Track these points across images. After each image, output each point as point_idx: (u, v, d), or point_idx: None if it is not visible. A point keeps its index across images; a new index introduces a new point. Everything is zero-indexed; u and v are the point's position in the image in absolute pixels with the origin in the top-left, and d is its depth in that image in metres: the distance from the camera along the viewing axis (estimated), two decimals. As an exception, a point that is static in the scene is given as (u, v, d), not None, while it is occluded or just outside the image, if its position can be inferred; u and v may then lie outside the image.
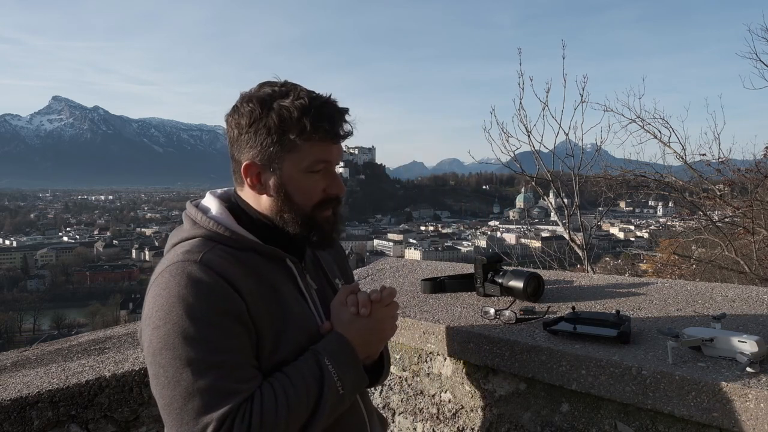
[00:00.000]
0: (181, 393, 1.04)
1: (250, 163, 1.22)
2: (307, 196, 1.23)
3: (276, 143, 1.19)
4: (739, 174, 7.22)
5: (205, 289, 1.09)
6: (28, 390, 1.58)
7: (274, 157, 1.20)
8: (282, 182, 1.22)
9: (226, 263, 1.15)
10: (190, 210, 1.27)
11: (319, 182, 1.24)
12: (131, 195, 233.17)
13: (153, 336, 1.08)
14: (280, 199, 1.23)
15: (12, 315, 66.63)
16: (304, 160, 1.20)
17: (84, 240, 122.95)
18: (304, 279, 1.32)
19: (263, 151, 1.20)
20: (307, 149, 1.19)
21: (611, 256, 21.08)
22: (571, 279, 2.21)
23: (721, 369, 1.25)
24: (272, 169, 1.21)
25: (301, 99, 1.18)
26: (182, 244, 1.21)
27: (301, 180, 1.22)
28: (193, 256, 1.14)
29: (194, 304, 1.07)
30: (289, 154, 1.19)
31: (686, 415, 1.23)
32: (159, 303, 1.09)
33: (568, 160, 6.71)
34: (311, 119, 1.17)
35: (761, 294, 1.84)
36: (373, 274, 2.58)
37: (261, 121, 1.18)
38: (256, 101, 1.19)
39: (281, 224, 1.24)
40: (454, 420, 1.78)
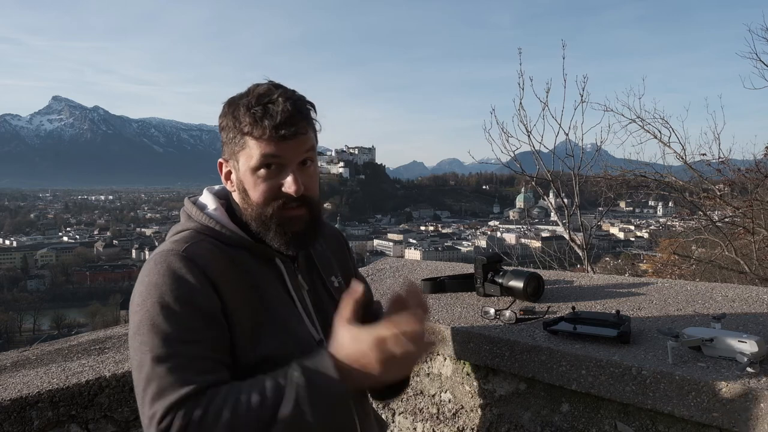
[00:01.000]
0: (143, 377, 1.08)
1: (221, 161, 1.29)
2: (258, 192, 1.23)
3: (232, 141, 1.23)
4: (739, 174, 7.22)
5: (179, 280, 1.13)
6: (28, 390, 1.58)
7: (232, 155, 1.25)
8: (239, 178, 1.26)
9: (209, 256, 1.18)
10: (187, 205, 1.32)
11: (272, 180, 1.22)
12: (131, 195, 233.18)
13: (131, 320, 1.15)
14: (241, 196, 1.27)
15: (12, 315, 66.65)
16: (252, 158, 1.21)
17: (84, 240, 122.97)
18: (295, 279, 1.31)
19: (227, 148, 1.26)
20: (253, 146, 1.21)
21: (611, 256, 21.09)
22: (571, 279, 2.21)
23: (721, 369, 1.25)
24: (234, 166, 1.26)
25: (249, 97, 1.21)
26: (175, 236, 1.26)
27: (251, 177, 1.23)
28: (177, 246, 1.18)
29: (166, 294, 1.11)
30: (242, 151, 1.22)
31: (686, 415, 1.23)
32: (139, 289, 1.15)
33: (568, 160, 6.71)
34: (252, 117, 1.19)
35: (761, 294, 1.84)
36: (373, 274, 2.58)
37: (224, 120, 1.24)
38: (227, 102, 1.25)
39: (248, 221, 1.26)
40: (454, 420, 1.78)
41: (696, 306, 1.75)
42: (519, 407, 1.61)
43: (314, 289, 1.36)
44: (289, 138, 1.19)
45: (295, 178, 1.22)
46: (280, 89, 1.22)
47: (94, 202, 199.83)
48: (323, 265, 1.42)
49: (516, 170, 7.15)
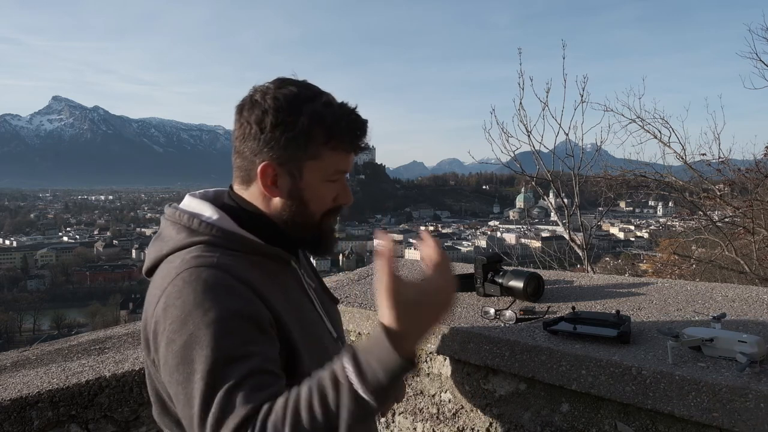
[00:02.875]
0: (196, 408, 0.95)
1: (268, 164, 1.15)
2: (321, 204, 1.20)
3: (301, 148, 1.14)
4: (739, 174, 7.22)
5: (222, 293, 1.02)
6: (28, 390, 1.58)
7: (295, 162, 1.15)
8: (299, 187, 1.17)
9: (242, 267, 1.09)
10: (180, 217, 1.17)
11: (332, 191, 1.21)
12: (131, 195, 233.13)
13: (168, 352, 0.99)
14: (293, 204, 1.18)
15: (12, 315, 66.68)
16: (325, 169, 1.17)
17: (84, 240, 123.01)
18: (305, 280, 1.30)
19: (285, 154, 1.14)
20: (330, 158, 1.16)
21: (611, 256, 21.08)
22: (571, 279, 2.21)
23: (721, 369, 1.25)
24: (291, 173, 1.16)
25: (333, 107, 1.15)
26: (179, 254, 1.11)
27: (318, 188, 1.18)
28: (206, 261, 1.06)
29: (210, 310, 0.99)
30: (312, 161, 1.15)
31: (686, 415, 1.23)
32: (173, 314, 1.00)
33: (568, 160, 6.72)
34: (343, 129, 1.15)
35: (761, 294, 1.84)
36: (373, 274, 2.58)
37: (288, 123, 1.12)
38: (284, 99, 1.13)
39: (287, 228, 1.20)
40: (454, 420, 1.78)
41: (696, 306, 1.75)
42: (519, 407, 1.61)
43: (316, 286, 1.36)
44: (359, 152, 1.21)
45: (350, 191, 1.25)
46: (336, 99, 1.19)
47: (94, 202, 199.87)
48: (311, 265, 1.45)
49: (516, 170, 7.15)
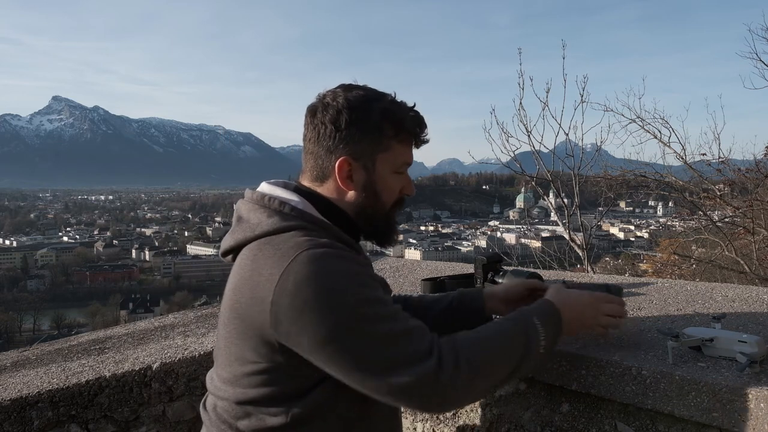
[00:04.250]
0: (381, 348, 1.06)
1: (346, 159, 1.23)
2: (390, 195, 1.29)
3: (373, 142, 1.24)
4: (739, 174, 7.22)
5: (351, 259, 1.13)
6: (28, 390, 1.58)
7: (368, 155, 1.24)
8: (372, 180, 1.26)
9: (345, 250, 1.17)
10: (271, 202, 1.23)
11: (399, 182, 1.30)
12: (131, 195, 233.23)
13: (323, 317, 1.06)
14: (367, 196, 1.26)
15: (12, 315, 66.70)
16: (395, 161, 1.27)
17: (84, 240, 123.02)
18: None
19: (360, 148, 1.23)
20: (399, 150, 1.26)
21: (611, 256, 21.09)
22: (571, 279, 2.21)
23: (721, 369, 1.25)
24: (366, 166, 1.25)
25: (398, 104, 1.26)
26: (282, 236, 1.16)
27: (388, 179, 1.27)
28: (318, 242, 1.13)
29: (349, 273, 1.10)
30: (383, 153, 1.25)
31: (686, 415, 1.23)
32: (312, 287, 1.06)
33: (568, 160, 6.72)
34: (409, 123, 1.26)
35: (761, 294, 1.84)
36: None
37: (362, 120, 1.22)
38: (355, 100, 1.23)
39: (360, 219, 1.27)
40: (454, 420, 1.78)
41: (696, 306, 1.75)
42: (519, 407, 1.61)
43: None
44: (422, 145, 1.31)
45: (412, 182, 1.34)
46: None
47: (94, 202, 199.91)
48: None
49: (516, 170, 7.15)
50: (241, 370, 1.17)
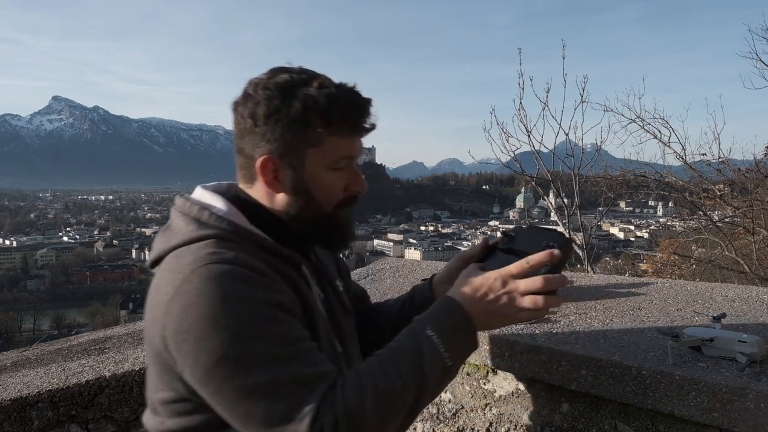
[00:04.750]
0: (261, 398, 0.91)
1: (268, 158, 1.08)
2: (330, 194, 1.12)
3: (298, 136, 1.06)
4: (739, 174, 7.23)
5: (248, 285, 0.96)
6: (28, 390, 1.58)
7: (294, 152, 1.07)
8: (303, 179, 1.09)
9: (258, 263, 1.01)
10: (191, 208, 1.10)
11: (341, 179, 1.12)
12: (131, 195, 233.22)
13: (200, 350, 0.92)
14: (300, 198, 1.10)
15: (12, 315, 66.70)
16: (328, 156, 1.09)
17: (84, 240, 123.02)
18: (314, 287, 1.18)
19: (283, 144, 1.07)
20: (334, 143, 1.08)
21: (611, 256, 21.10)
22: (571, 279, 2.21)
23: (721, 369, 1.25)
24: (292, 164, 1.08)
25: (328, 87, 1.06)
26: (190, 248, 1.03)
27: (324, 177, 1.10)
28: (222, 256, 0.99)
29: (241, 302, 0.94)
30: (312, 148, 1.07)
31: (686, 415, 1.23)
32: (198, 312, 0.93)
33: (568, 160, 6.72)
34: (339, 110, 1.06)
35: (761, 294, 1.84)
36: (373, 274, 2.58)
37: (282, 111, 1.05)
38: (275, 88, 1.06)
39: (297, 225, 1.12)
40: (454, 420, 1.78)
41: (696, 306, 1.75)
42: (519, 407, 1.61)
43: (327, 296, 1.23)
44: (364, 135, 1.12)
45: (362, 177, 1.15)
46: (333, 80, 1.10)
47: (94, 202, 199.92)
48: (329, 269, 1.30)
49: (516, 170, 7.16)
50: (155, 397, 1.06)
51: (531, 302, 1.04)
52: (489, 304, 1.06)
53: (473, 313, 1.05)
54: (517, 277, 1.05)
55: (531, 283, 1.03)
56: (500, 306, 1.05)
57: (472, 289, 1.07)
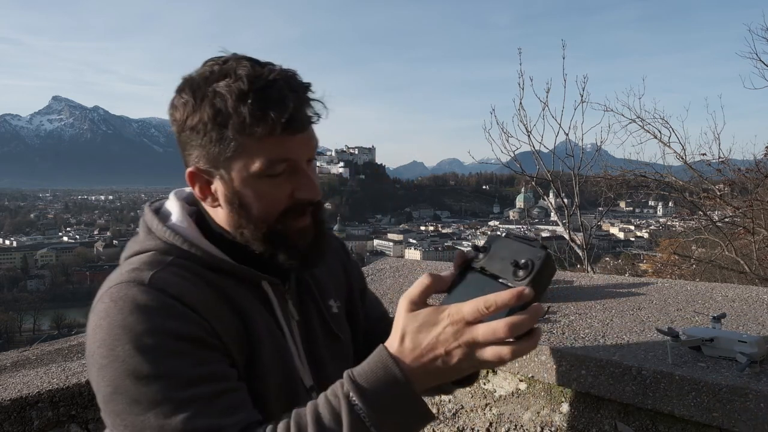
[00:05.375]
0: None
1: (194, 170, 0.97)
2: (268, 205, 0.97)
3: (216, 142, 0.92)
4: (739, 174, 7.23)
5: (154, 313, 0.86)
6: (28, 390, 1.58)
7: (218, 161, 0.94)
8: (233, 191, 0.96)
9: (182, 283, 0.92)
10: (147, 215, 1.02)
11: (281, 186, 0.96)
12: (131, 195, 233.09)
13: (99, 379, 0.86)
14: (234, 212, 0.97)
15: (12, 315, 66.66)
16: (253, 162, 0.93)
17: (84, 240, 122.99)
18: (285, 306, 1.07)
19: (206, 153, 0.94)
20: (255, 147, 0.92)
21: (611, 256, 21.10)
22: (571, 279, 2.21)
23: (721, 369, 1.25)
24: (221, 176, 0.96)
25: (239, 81, 0.90)
26: (131, 260, 0.97)
27: (255, 186, 0.95)
28: (139, 276, 0.90)
29: (143, 333, 0.84)
30: (235, 154, 0.93)
31: (686, 415, 1.23)
32: (100, 336, 0.86)
33: (568, 160, 6.72)
34: (251, 108, 0.89)
35: (761, 294, 1.84)
36: (373, 275, 2.58)
37: (195, 115, 0.92)
38: (189, 89, 0.93)
39: (243, 241, 0.99)
40: (454, 420, 1.78)
41: (696, 306, 1.75)
42: (519, 407, 1.61)
43: (306, 318, 1.10)
44: (299, 132, 0.94)
45: (312, 180, 0.98)
46: (266, 65, 0.94)
47: (94, 202, 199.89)
48: (319, 285, 1.16)
49: (516, 170, 7.16)
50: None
51: (494, 355, 0.76)
52: (436, 361, 0.78)
53: (415, 374, 0.78)
54: (473, 323, 0.76)
55: (491, 332, 0.74)
56: (453, 363, 0.77)
57: (413, 342, 0.78)
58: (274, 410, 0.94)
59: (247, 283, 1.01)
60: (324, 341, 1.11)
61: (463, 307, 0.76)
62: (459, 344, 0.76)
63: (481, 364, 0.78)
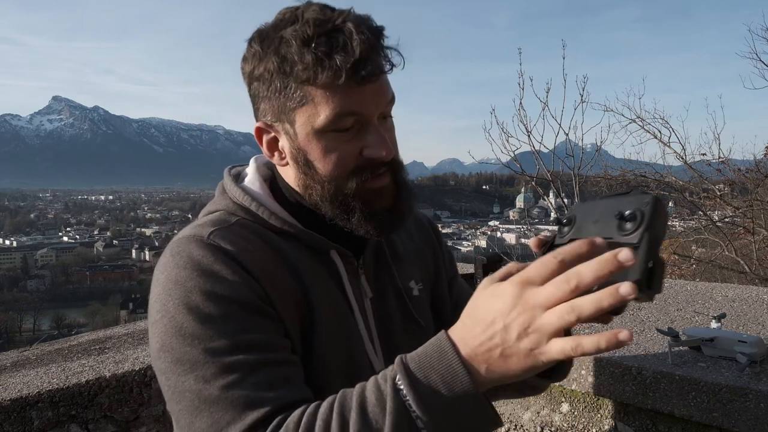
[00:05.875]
0: (186, 407, 0.79)
1: (261, 125, 0.94)
2: (334, 163, 0.89)
3: (281, 92, 0.87)
4: (739, 174, 7.23)
5: (207, 271, 0.83)
6: (28, 390, 1.58)
7: (283, 113, 0.89)
8: (297, 147, 0.90)
9: (241, 243, 0.88)
10: (225, 176, 1.01)
11: (349, 143, 0.89)
12: (131, 195, 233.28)
13: (152, 334, 0.85)
14: (300, 170, 0.92)
15: (12, 315, 66.69)
16: (318, 114, 0.86)
17: (84, 240, 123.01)
18: (357, 281, 0.98)
19: (271, 105, 0.90)
20: (319, 98, 0.85)
21: (611, 256, 21.06)
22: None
23: (721, 369, 1.25)
24: (286, 130, 0.91)
25: (305, 25, 0.83)
26: (201, 219, 0.96)
27: (321, 142, 0.88)
28: (201, 231, 0.88)
29: (193, 291, 0.82)
30: (300, 108, 0.87)
31: (686, 415, 1.23)
32: (156, 291, 0.86)
33: (568, 160, 6.72)
34: (315, 53, 0.82)
35: (761, 294, 1.84)
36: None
37: (261, 64, 0.87)
38: (258, 38, 0.88)
39: (312, 204, 0.94)
40: (454, 420, 1.78)
41: (696, 306, 1.75)
42: (519, 407, 1.61)
43: (382, 297, 1.01)
44: (370, 81, 0.84)
45: (383, 137, 0.89)
46: (337, 10, 0.86)
47: (94, 202, 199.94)
48: (400, 264, 1.06)
49: (516, 170, 7.15)
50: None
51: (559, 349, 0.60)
52: (494, 338, 0.64)
53: (476, 360, 0.66)
54: (537, 283, 0.62)
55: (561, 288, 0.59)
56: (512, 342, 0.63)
57: (473, 319, 0.67)
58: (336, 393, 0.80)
59: (314, 250, 0.95)
60: (401, 326, 1.02)
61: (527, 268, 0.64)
62: (519, 312, 0.62)
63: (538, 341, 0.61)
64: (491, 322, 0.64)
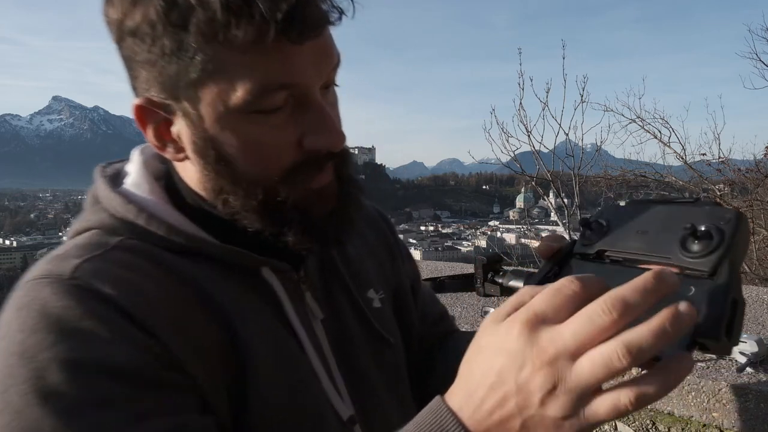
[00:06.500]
0: None
1: (143, 103, 0.62)
2: (262, 158, 0.62)
3: (171, 55, 0.56)
4: (739, 174, 7.23)
5: (72, 333, 0.53)
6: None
7: (178, 86, 0.58)
8: (204, 136, 0.61)
9: (127, 276, 0.58)
10: (96, 178, 0.72)
11: (282, 128, 0.61)
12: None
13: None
14: (209, 169, 0.63)
15: (12, 315, 66.77)
16: (234, 89, 0.57)
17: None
18: (300, 303, 0.71)
19: (158, 74, 0.58)
20: (235, 64, 0.56)
21: (611, 256, 21.07)
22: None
23: (721, 369, 1.25)
24: (181, 110, 0.61)
25: None
26: (67, 243, 0.65)
27: (240, 128, 0.60)
28: (61, 267, 0.58)
29: (50, 368, 0.51)
30: (204, 75, 0.56)
31: (686, 415, 1.23)
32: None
33: (568, 160, 6.73)
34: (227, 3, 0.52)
35: (761, 294, 1.84)
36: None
37: (136, 11, 0.56)
38: None
39: (228, 213, 0.65)
40: (454, 420, 1.78)
41: (696, 306, 1.75)
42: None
43: (337, 316, 0.75)
44: (310, 37, 0.57)
45: (329, 118, 0.62)
46: None
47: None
48: (353, 271, 0.80)
49: (516, 170, 7.16)
50: None
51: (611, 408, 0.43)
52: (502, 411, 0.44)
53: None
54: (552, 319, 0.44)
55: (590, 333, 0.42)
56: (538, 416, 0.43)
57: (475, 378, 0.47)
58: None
59: (238, 271, 0.66)
60: (366, 348, 0.77)
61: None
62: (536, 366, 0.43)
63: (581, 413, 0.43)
64: (499, 381, 0.44)
